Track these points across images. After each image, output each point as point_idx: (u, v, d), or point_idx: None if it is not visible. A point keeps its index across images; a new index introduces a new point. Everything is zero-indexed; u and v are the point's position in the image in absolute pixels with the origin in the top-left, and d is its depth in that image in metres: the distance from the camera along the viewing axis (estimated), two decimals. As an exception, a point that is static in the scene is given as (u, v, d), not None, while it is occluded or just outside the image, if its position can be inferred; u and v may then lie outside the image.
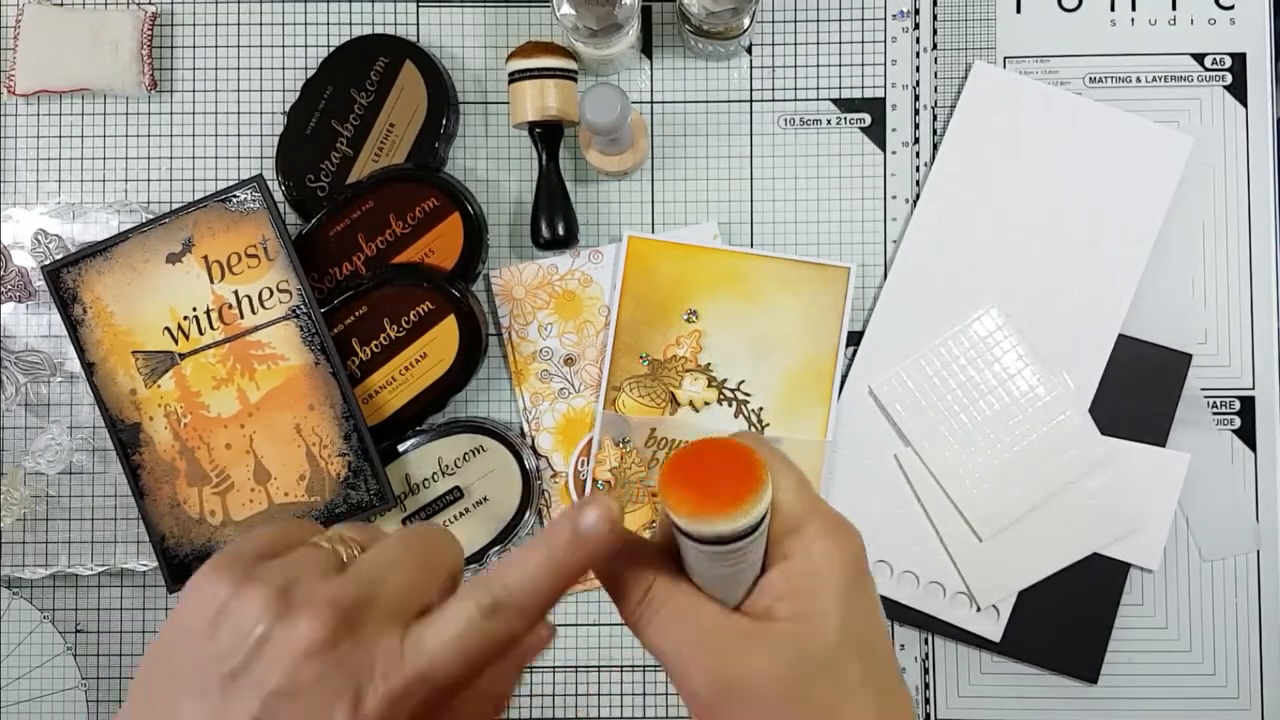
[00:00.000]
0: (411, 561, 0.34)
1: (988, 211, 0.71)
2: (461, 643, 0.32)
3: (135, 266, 0.68)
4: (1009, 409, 0.69)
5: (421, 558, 0.34)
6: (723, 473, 0.32)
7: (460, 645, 0.32)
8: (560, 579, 0.34)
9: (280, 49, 0.73)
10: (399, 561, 0.33)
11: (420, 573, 0.34)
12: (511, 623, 0.33)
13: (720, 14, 0.65)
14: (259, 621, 0.30)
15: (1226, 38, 0.72)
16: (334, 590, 0.31)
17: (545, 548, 0.34)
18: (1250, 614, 0.70)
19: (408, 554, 0.34)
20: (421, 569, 0.34)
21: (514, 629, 0.33)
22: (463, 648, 0.32)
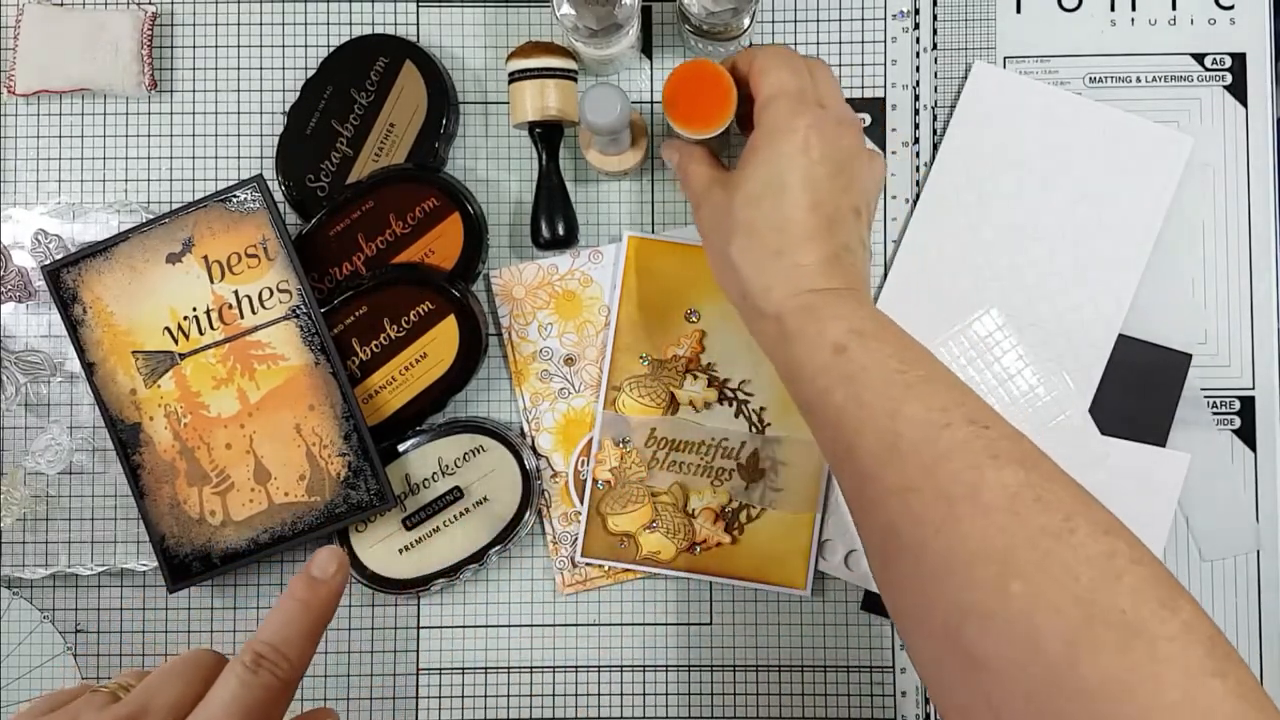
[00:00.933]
0: (179, 676, 0.40)
1: (988, 211, 0.71)
2: (237, 703, 0.38)
3: (135, 266, 0.68)
4: (1009, 409, 0.69)
5: (188, 670, 0.40)
6: (703, 99, 0.59)
7: (236, 705, 0.38)
8: (310, 619, 0.41)
9: (280, 49, 0.73)
10: (165, 680, 0.39)
11: (188, 682, 0.39)
12: (277, 670, 0.39)
13: (720, 14, 0.65)
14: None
15: (1226, 38, 0.72)
16: (111, 715, 0.37)
17: (289, 598, 0.42)
18: (1250, 614, 0.70)
19: (173, 671, 0.40)
20: (189, 679, 0.40)
21: (281, 675, 0.39)
22: (240, 707, 0.38)
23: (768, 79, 0.57)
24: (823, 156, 0.55)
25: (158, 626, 0.72)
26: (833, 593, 0.71)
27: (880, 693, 0.70)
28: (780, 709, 0.71)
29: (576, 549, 0.70)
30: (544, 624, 0.71)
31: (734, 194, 0.56)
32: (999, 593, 0.42)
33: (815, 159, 0.55)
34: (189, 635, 0.72)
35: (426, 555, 0.69)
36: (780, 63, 0.57)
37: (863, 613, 0.71)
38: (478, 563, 0.69)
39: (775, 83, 0.57)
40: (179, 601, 0.72)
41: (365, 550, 0.69)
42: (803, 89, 0.57)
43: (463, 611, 0.71)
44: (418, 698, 0.71)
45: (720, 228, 0.57)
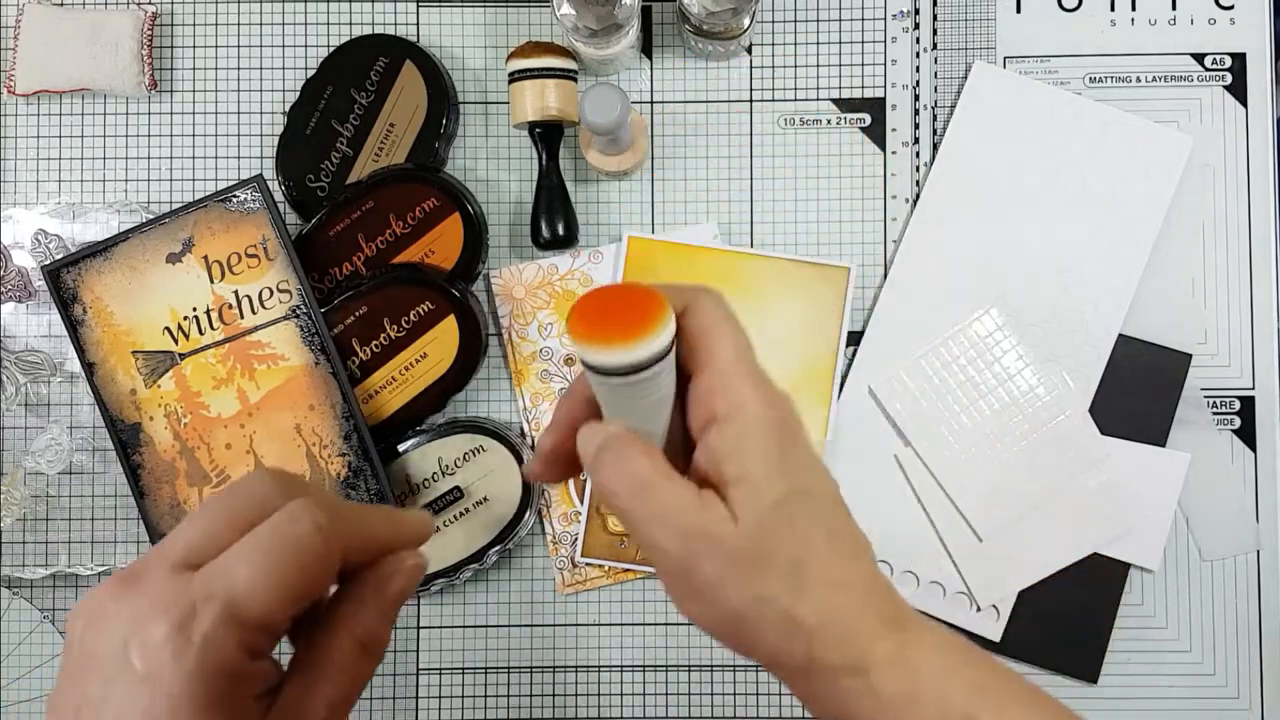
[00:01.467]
0: (213, 510, 0.34)
1: (988, 211, 0.71)
2: (258, 548, 0.32)
3: (135, 266, 0.68)
4: (1009, 409, 0.69)
5: (224, 508, 0.34)
6: (625, 306, 0.34)
7: (261, 556, 0.32)
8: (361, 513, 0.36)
9: (280, 49, 0.73)
10: (195, 515, 0.34)
11: (219, 523, 0.34)
12: (319, 518, 0.33)
13: (720, 14, 0.65)
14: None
15: (1226, 37, 0.72)
16: (177, 590, 0.33)
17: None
18: (1250, 614, 0.70)
19: (208, 506, 0.35)
20: (223, 522, 0.34)
21: (316, 525, 0.33)
22: (265, 558, 0.32)
23: (722, 351, 0.37)
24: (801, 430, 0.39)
25: (158, 626, 0.72)
26: (833, 593, 0.71)
27: (880, 693, 0.70)
28: (780, 709, 0.71)
29: (576, 549, 0.70)
30: (544, 624, 0.71)
31: (742, 506, 0.36)
32: None
33: (806, 436, 0.39)
34: (189, 635, 0.72)
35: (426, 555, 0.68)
36: (731, 329, 0.38)
37: (863, 613, 0.71)
38: (478, 563, 0.68)
39: (731, 349, 0.37)
40: (179, 601, 0.72)
41: (365, 550, 0.69)
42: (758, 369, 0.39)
43: (463, 611, 0.71)
44: (417, 698, 0.71)
45: (738, 561, 0.36)
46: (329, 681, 0.34)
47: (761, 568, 0.35)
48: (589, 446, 0.37)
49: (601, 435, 0.37)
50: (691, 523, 0.35)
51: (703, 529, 0.35)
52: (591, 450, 0.37)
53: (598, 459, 0.36)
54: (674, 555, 0.35)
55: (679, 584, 0.36)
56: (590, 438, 0.37)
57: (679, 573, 0.36)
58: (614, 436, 0.36)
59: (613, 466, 0.36)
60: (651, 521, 0.36)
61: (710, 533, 0.35)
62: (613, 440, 0.36)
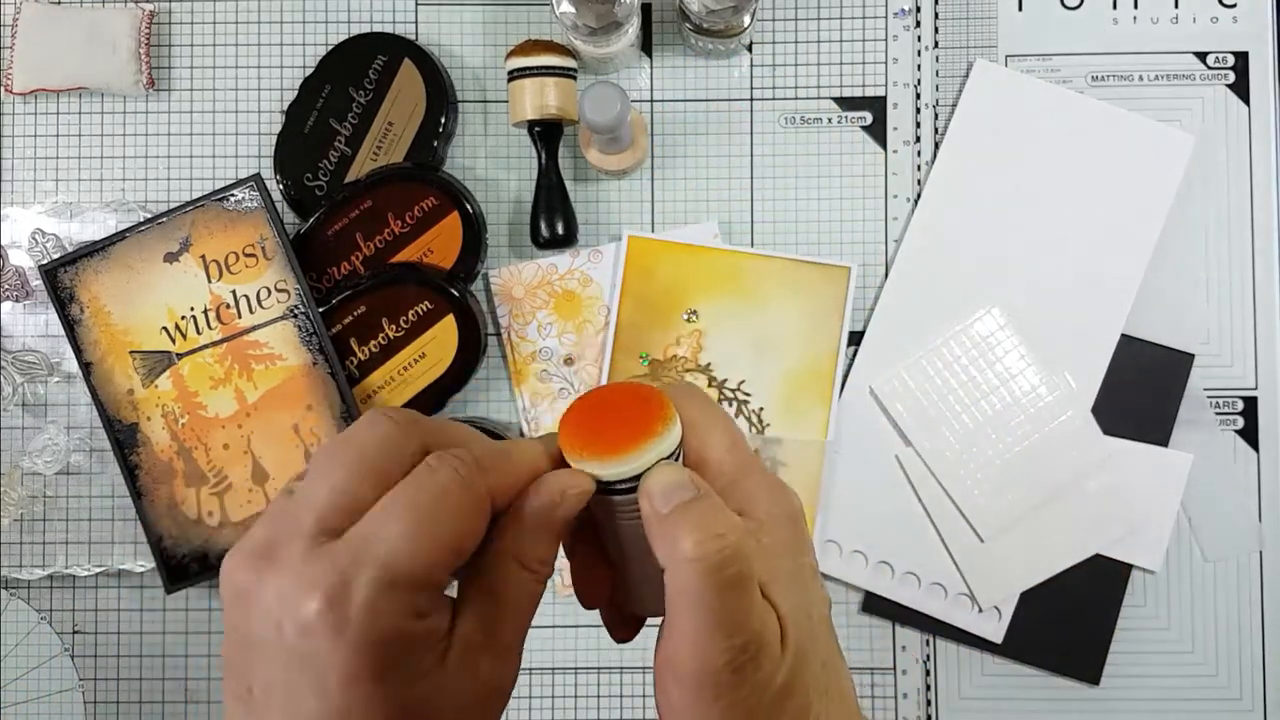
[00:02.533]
0: (344, 466, 0.31)
1: (989, 210, 0.70)
2: (410, 514, 0.30)
3: (133, 266, 0.68)
4: (1010, 409, 0.69)
5: (357, 460, 0.31)
6: (622, 412, 0.32)
7: (411, 517, 0.30)
8: (524, 460, 0.33)
9: (278, 47, 0.73)
10: (327, 471, 0.31)
11: (353, 478, 0.31)
12: (462, 468, 0.31)
13: (721, 12, 0.65)
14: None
15: (1229, 36, 0.71)
16: (325, 565, 0.30)
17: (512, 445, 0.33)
18: (1253, 615, 0.70)
19: (338, 458, 0.31)
20: (359, 474, 0.31)
21: (463, 476, 0.31)
22: (415, 518, 0.30)
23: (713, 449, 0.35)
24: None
25: (155, 627, 0.72)
26: (832, 593, 0.70)
27: (881, 694, 0.70)
28: (781, 710, 0.70)
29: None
30: (543, 625, 0.71)
31: (792, 655, 0.32)
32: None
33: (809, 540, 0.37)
34: (187, 636, 0.72)
35: (425, 556, 0.68)
36: (721, 424, 0.35)
37: (862, 614, 0.70)
38: (477, 563, 0.68)
39: (725, 445, 0.35)
40: (177, 602, 0.72)
41: (364, 551, 0.68)
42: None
43: (462, 612, 0.71)
44: (416, 699, 0.71)
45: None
46: (507, 614, 0.32)
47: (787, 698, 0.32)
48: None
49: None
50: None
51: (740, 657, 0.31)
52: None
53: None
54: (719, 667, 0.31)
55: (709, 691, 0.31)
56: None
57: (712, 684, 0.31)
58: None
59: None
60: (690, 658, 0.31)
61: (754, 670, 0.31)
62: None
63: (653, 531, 0.31)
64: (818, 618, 0.33)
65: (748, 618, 0.30)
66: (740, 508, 0.33)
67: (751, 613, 0.31)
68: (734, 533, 0.31)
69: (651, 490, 0.32)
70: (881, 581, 0.70)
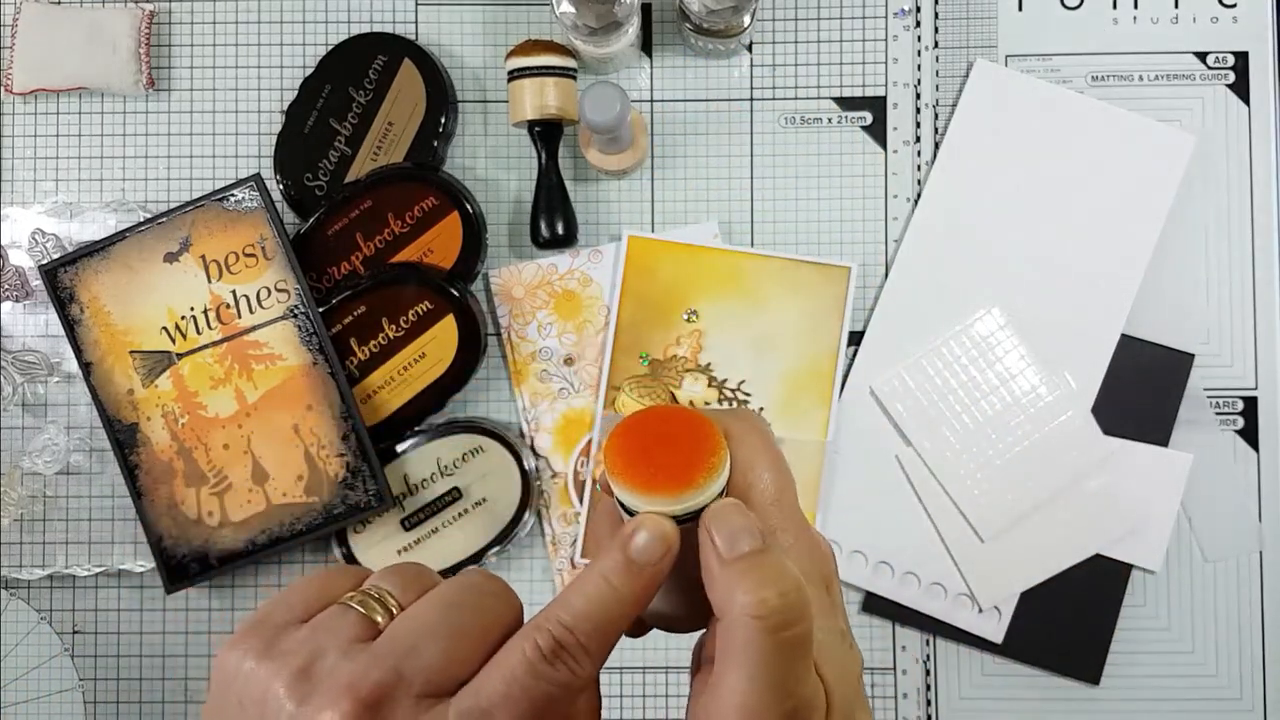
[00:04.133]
0: (451, 628, 0.30)
1: (989, 210, 0.70)
2: (521, 700, 0.28)
3: (133, 266, 0.68)
4: (1011, 409, 0.69)
5: (463, 623, 0.30)
6: (676, 443, 0.30)
7: (516, 703, 0.28)
8: (621, 611, 0.30)
9: (278, 47, 0.73)
10: (435, 629, 0.30)
11: (460, 640, 0.30)
12: (575, 666, 0.29)
13: (721, 12, 0.65)
14: (281, 709, 0.28)
15: (1229, 36, 0.71)
16: (357, 671, 0.28)
17: (600, 578, 0.30)
18: (1253, 615, 0.70)
19: (446, 619, 0.30)
20: (462, 636, 0.30)
21: (579, 675, 0.29)
22: (520, 705, 0.28)
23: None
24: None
25: (155, 627, 0.72)
26: (833, 594, 0.70)
27: (881, 694, 0.70)
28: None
29: (576, 550, 0.70)
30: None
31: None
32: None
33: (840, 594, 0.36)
34: (187, 636, 0.72)
35: (425, 556, 0.68)
36: (771, 465, 0.34)
37: (863, 614, 0.70)
38: (477, 564, 0.68)
39: (772, 489, 0.34)
40: (176, 603, 0.72)
41: (364, 551, 0.68)
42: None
43: (462, 612, 0.71)
44: (416, 699, 0.71)
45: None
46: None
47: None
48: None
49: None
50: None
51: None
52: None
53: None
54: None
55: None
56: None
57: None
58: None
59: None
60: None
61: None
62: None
63: (712, 574, 0.30)
64: (856, 681, 0.32)
65: (801, 683, 0.29)
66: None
67: (806, 679, 0.29)
68: (799, 592, 0.29)
69: (716, 532, 0.30)
70: (881, 581, 0.70)
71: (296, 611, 0.31)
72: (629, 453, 0.30)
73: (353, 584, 0.32)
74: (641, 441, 0.30)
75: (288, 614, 0.31)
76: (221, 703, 0.30)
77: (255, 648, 0.30)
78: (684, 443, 0.30)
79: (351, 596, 0.31)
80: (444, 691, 0.29)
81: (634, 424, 0.31)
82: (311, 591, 0.32)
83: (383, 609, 0.31)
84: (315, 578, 0.33)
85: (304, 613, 0.31)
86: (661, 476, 0.30)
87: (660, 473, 0.30)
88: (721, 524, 0.30)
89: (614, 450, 0.30)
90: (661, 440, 0.30)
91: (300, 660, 0.29)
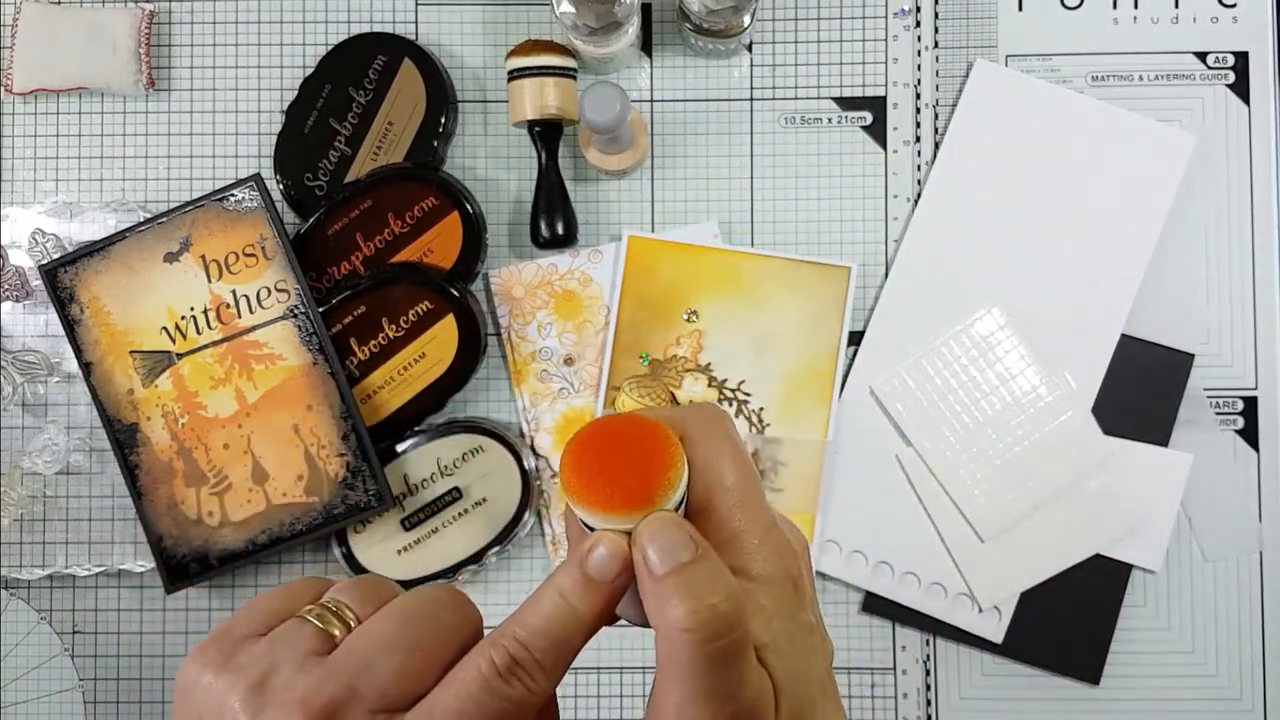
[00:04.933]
0: (406, 642, 0.30)
1: (989, 210, 0.70)
2: (472, 716, 0.28)
3: (133, 266, 0.68)
4: (1011, 409, 0.69)
5: (420, 637, 0.30)
6: (631, 460, 0.29)
7: (470, 719, 0.28)
8: (578, 627, 0.30)
9: (278, 47, 0.73)
10: (391, 643, 0.30)
11: (416, 655, 0.30)
12: (532, 685, 0.29)
13: (721, 12, 0.65)
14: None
15: (1229, 36, 0.71)
16: (311, 686, 0.28)
17: (556, 593, 0.30)
18: (1253, 615, 0.70)
19: (402, 633, 0.30)
20: (418, 650, 0.30)
21: (534, 691, 0.29)
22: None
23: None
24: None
25: (155, 628, 0.72)
26: (833, 594, 0.70)
27: (881, 694, 0.70)
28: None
29: (576, 550, 0.70)
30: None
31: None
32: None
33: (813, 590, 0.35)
34: (187, 636, 0.72)
35: (425, 556, 0.68)
36: (732, 458, 0.33)
37: (863, 614, 0.70)
38: (477, 563, 0.68)
39: (734, 486, 0.33)
40: (176, 603, 0.72)
41: (364, 551, 0.68)
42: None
43: (462, 612, 0.71)
44: (416, 699, 0.71)
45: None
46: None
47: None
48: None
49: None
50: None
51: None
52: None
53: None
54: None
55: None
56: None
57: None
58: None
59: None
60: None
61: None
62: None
63: (645, 589, 0.30)
64: (816, 677, 0.32)
65: (739, 689, 0.29)
66: (739, 564, 0.31)
67: (744, 684, 0.29)
68: (729, 601, 0.29)
69: (646, 547, 0.29)
70: (881, 581, 0.70)
71: (257, 625, 0.31)
72: (584, 471, 0.29)
73: (313, 596, 0.33)
74: (597, 459, 0.30)
75: (248, 627, 0.31)
76: (184, 714, 0.30)
77: (214, 660, 0.30)
78: (639, 458, 0.30)
79: (310, 610, 0.31)
80: (398, 706, 0.29)
81: (588, 440, 0.30)
82: (273, 605, 0.32)
83: (340, 622, 0.31)
84: (278, 591, 0.33)
85: (264, 626, 0.31)
86: (618, 497, 0.29)
87: (616, 493, 0.29)
88: (652, 540, 0.29)
89: (569, 468, 0.30)
90: (616, 456, 0.30)
91: (256, 674, 0.29)
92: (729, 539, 0.32)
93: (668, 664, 0.29)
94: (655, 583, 0.29)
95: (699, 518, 0.32)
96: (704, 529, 0.32)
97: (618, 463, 0.30)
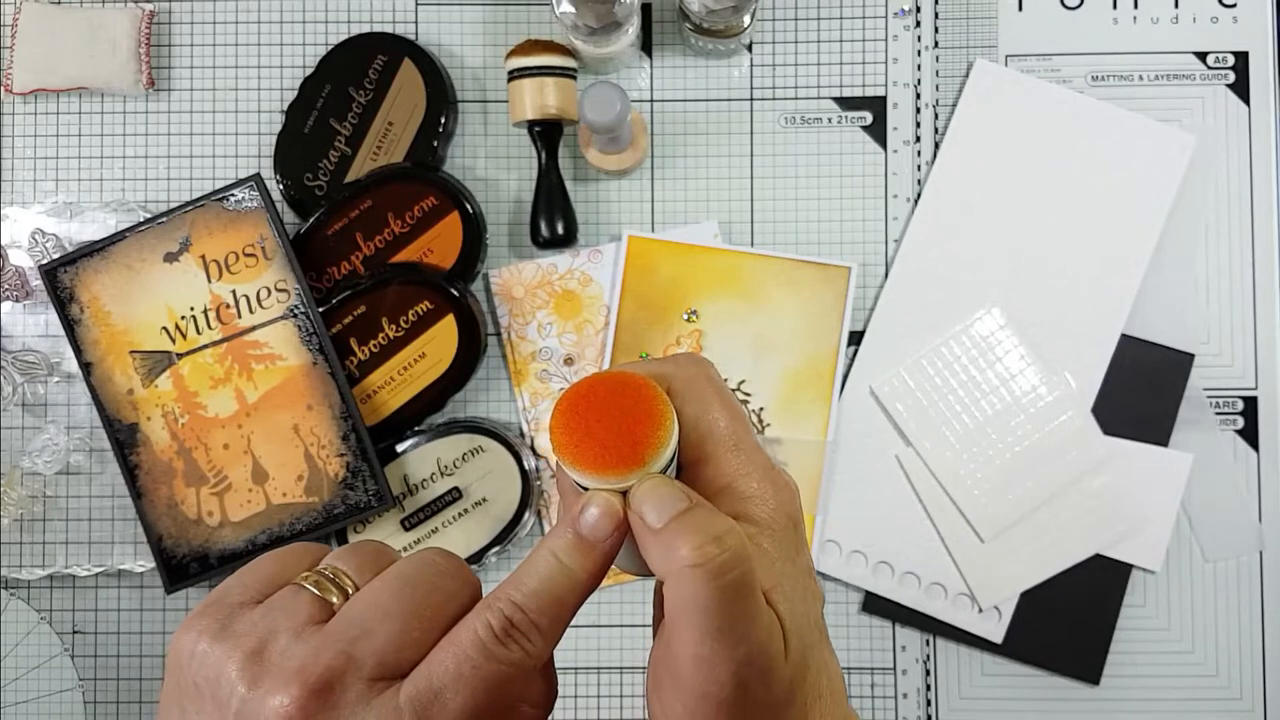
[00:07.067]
0: (404, 609, 0.29)
1: (989, 210, 0.70)
2: (473, 679, 0.28)
3: (132, 266, 0.68)
4: (1011, 409, 0.69)
5: (417, 603, 0.30)
6: (621, 421, 0.29)
7: (470, 683, 0.28)
8: (573, 587, 0.30)
9: (278, 47, 0.73)
10: (388, 610, 0.29)
11: (413, 621, 0.29)
12: (528, 645, 0.29)
13: (721, 12, 0.65)
14: (233, 692, 0.28)
15: (1229, 36, 0.71)
16: (308, 654, 0.28)
17: (550, 555, 0.30)
18: (1253, 615, 0.70)
19: (399, 599, 0.30)
20: (416, 616, 0.29)
21: (531, 653, 0.29)
22: (475, 684, 0.28)
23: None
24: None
25: (155, 628, 0.72)
26: (833, 594, 0.70)
27: (881, 694, 0.70)
28: (781, 710, 0.70)
29: (576, 550, 0.70)
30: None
31: (795, 663, 0.31)
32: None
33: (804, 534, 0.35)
34: (187, 636, 0.72)
35: (425, 556, 0.68)
36: (721, 407, 0.34)
37: (863, 614, 0.70)
38: (477, 564, 0.68)
39: (726, 433, 0.33)
40: (176, 603, 0.72)
41: (364, 551, 0.68)
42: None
43: (462, 612, 0.71)
44: (416, 699, 0.71)
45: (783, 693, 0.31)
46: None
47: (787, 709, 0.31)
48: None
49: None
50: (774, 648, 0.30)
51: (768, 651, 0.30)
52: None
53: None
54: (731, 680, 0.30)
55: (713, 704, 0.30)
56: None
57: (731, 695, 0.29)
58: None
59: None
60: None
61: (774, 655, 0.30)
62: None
63: (648, 548, 0.30)
64: (815, 620, 0.32)
65: (753, 627, 0.29)
66: (739, 510, 0.32)
67: (756, 623, 0.29)
68: (733, 535, 0.29)
69: (643, 508, 0.29)
70: (881, 581, 0.70)
71: (251, 592, 0.31)
72: (574, 432, 0.30)
73: (310, 563, 0.32)
74: (585, 419, 0.30)
75: (243, 594, 0.31)
76: (178, 684, 0.29)
77: (209, 629, 0.29)
78: (629, 418, 0.30)
79: (306, 577, 0.31)
80: (397, 673, 0.29)
81: (577, 399, 0.30)
82: (268, 571, 0.32)
83: (338, 590, 0.31)
84: (272, 557, 0.32)
85: (259, 593, 0.31)
86: (609, 458, 0.29)
87: (608, 454, 0.29)
88: (646, 501, 0.29)
89: (559, 429, 0.30)
90: (606, 417, 0.30)
91: (253, 642, 0.29)
92: (728, 484, 0.32)
93: (678, 608, 0.29)
94: (655, 535, 0.29)
95: (695, 468, 0.32)
96: (701, 478, 0.32)
97: (608, 424, 0.30)
